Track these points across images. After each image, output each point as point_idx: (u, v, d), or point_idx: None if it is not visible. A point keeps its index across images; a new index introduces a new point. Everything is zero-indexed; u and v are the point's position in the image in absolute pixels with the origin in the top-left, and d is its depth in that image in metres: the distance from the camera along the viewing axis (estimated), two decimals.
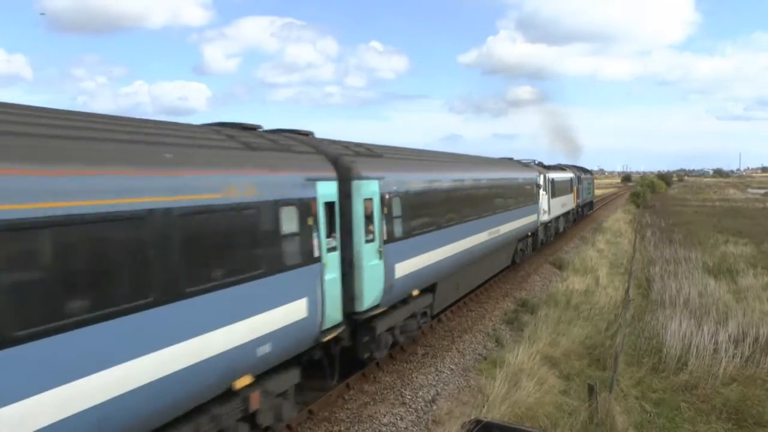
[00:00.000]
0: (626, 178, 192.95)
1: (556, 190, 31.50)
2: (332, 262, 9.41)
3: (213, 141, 7.69)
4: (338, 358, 10.31)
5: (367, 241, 10.35)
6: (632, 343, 13.90)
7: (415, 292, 12.77)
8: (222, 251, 7.01)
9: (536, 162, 31.46)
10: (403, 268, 11.74)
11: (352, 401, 10.76)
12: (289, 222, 8.25)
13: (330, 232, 9.49)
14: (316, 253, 8.87)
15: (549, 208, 29.44)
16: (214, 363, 6.71)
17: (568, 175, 37.45)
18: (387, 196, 11.10)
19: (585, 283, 20.62)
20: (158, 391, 5.96)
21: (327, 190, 9.38)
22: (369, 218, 10.41)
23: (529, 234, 25.61)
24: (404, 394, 11.08)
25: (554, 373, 11.84)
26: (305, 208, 8.68)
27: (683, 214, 52.17)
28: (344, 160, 10.26)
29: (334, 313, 9.41)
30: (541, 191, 27.53)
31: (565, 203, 35.62)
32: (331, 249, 9.42)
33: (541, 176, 28.11)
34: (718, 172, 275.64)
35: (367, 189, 10.46)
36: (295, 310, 8.31)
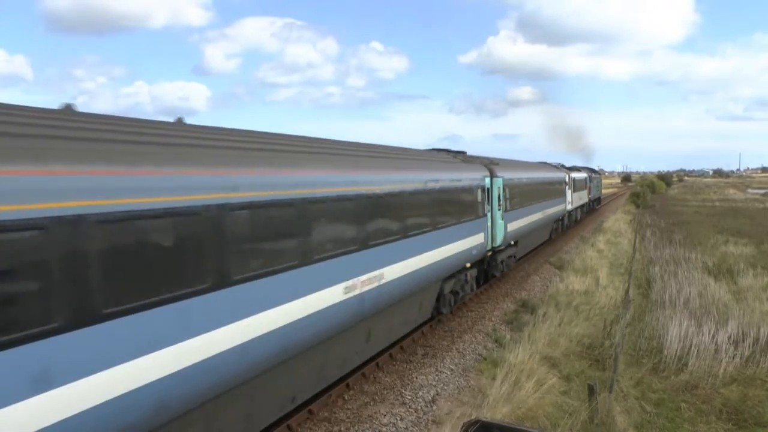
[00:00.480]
0: (626, 178, 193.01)
1: (575, 187, 39.95)
2: (488, 218, 18.06)
3: (446, 158, 17.00)
4: (484, 269, 19.57)
5: (498, 209, 19.07)
6: (632, 343, 13.90)
7: (512, 243, 21.94)
8: (448, 207, 14.38)
9: (561, 165, 40.48)
10: (511, 227, 20.62)
11: (352, 401, 10.76)
12: (476, 195, 16.97)
13: (487, 203, 18.00)
14: (485, 211, 17.75)
15: (571, 200, 38.03)
16: (452, 260, 14.70)
17: (583, 174, 46.38)
18: (506, 187, 20.20)
19: (585, 283, 20.61)
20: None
21: (486, 182, 18.04)
22: (499, 198, 19.11)
23: (559, 219, 34.73)
24: (404, 395, 11.08)
25: (554, 374, 11.83)
26: (481, 189, 17.40)
27: (683, 214, 52.16)
28: (490, 167, 19.13)
29: (489, 243, 18.38)
30: (567, 187, 36.06)
31: (581, 197, 44.93)
32: (487, 212, 17.97)
33: (567, 175, 36.59)
34: (718, 173, 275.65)
35: (498, 182, 19.23)
36: (480, 238, 17.29)
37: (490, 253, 19.05)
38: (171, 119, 8.06)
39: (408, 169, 12.93)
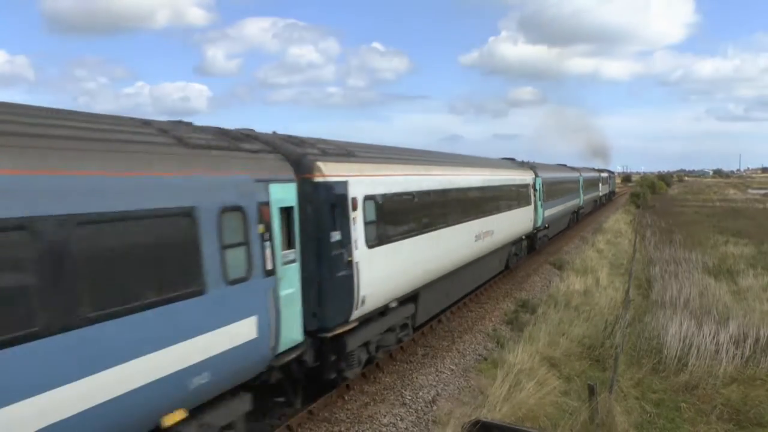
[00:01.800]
0: (626, 178, 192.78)
1: (602, 182, 63.02)
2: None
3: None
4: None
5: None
6: (632, 343, 13.90)
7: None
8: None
9: (594, 167, 67.36)
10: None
11: (352, 401, 10.75)
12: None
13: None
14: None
15: (604, 189, 64.96)
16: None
17: (606, 174, 73.42)
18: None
19: (585, 283, 20.60)
20: None
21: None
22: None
23: (596, 201, 56.10)
24: (404, 395, 11.07)
25: (554, 374, 11.83)
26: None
27: (683, 214, 52.15)
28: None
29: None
30: (600, 183, 60.54)
31: (610, 187, 76.96)
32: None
33: (599, 174, 61.89)
34: (718, 173, 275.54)
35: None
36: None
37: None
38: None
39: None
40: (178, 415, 6.53)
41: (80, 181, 5.58)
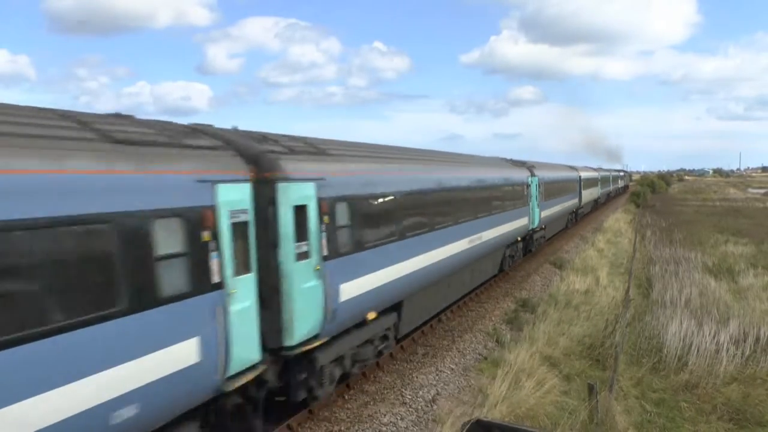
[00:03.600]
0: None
1: (618, 179, 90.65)
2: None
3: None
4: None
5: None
6: (632, 342, 13.90)
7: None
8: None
9: (615, 169, 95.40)
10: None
11: (353, 401, 10.75)
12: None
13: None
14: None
15: (621, 183, 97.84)
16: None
17: (621, 173, 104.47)
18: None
19: (585, 282, 20.61)
20: None
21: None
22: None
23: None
24: (404, 394, 11.07)
25: (554, 373, 11.83)
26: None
27: (683, 213, 52.16)
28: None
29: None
30: (619, 179, 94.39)
31: (622, 183, 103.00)
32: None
33: (620, 173, 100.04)
34: (718, 172, 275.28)
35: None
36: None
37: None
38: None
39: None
40: None
41: None
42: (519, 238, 22.89)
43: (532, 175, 24.28)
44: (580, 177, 42.28)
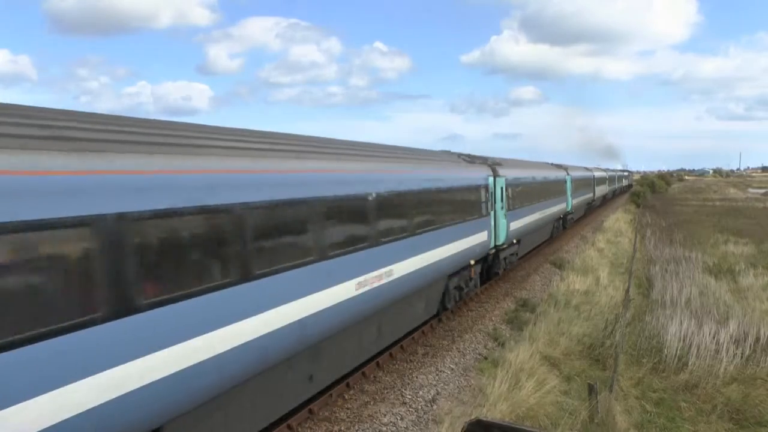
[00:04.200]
0: None
1: (624, 178, 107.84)
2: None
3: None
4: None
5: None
6: (633, 342, 13.89)
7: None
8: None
9: (620, 168, 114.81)
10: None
11: (353, 401, 10.75)
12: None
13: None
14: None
15: (627, 181, 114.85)
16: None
17: (626, 172, 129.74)
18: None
19: (585, 282, 20.61)
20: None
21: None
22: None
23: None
24: (404, 394, 11.07)
25: (555, 373, 11.84)
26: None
27: (683, 213, 52.18)
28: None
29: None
30: (624, 178, 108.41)
31: (626, 181, 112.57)
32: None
33: (624, 174, 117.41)
34: (718, 172, 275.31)
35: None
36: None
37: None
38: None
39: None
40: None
41: None
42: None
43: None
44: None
